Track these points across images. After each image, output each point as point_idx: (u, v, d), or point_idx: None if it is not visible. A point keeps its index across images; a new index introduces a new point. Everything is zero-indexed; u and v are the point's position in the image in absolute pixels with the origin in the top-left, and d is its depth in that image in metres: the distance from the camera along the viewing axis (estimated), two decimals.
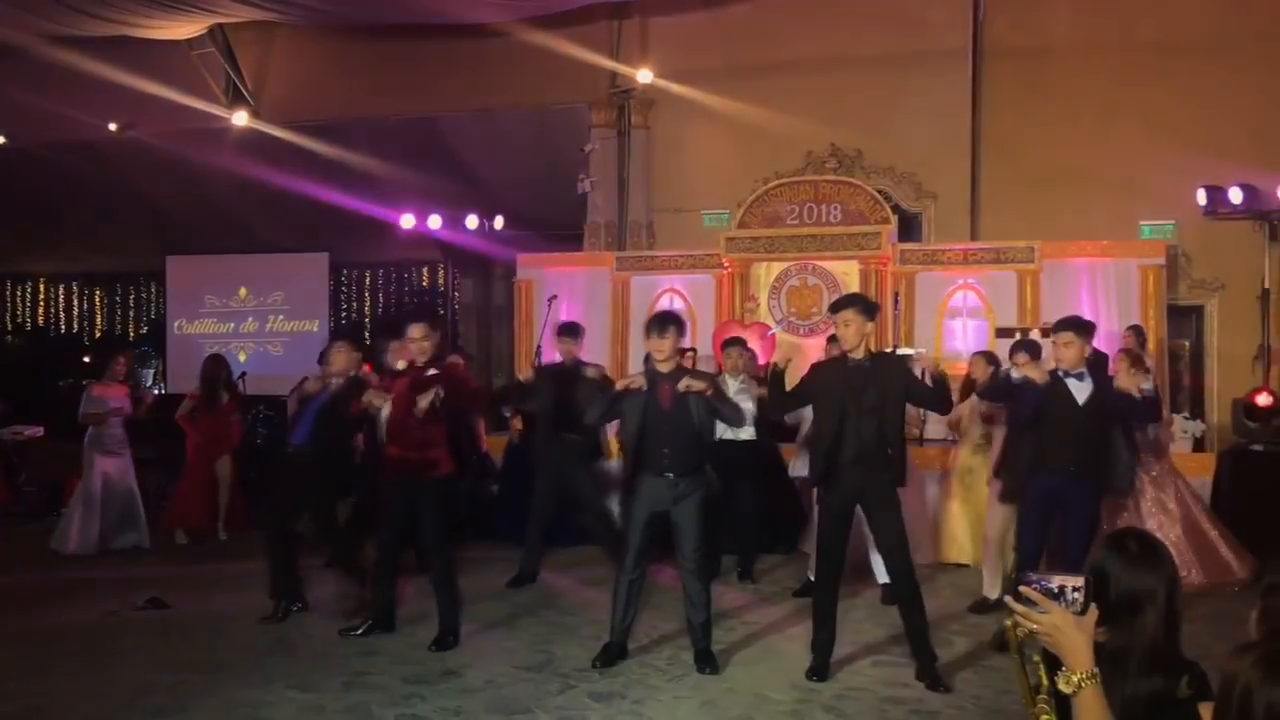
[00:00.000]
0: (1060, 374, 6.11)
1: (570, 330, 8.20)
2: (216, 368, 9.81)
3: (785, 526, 8.98)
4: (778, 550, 8.89)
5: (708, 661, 5.77)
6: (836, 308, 5.77)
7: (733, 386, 7.94)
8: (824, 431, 5.71)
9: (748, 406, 7.79)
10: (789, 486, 8.81)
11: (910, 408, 6.55)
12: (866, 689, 5.48)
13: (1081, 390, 6.10)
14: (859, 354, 5.66)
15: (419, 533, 6.47)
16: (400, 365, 6.42)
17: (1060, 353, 6.12)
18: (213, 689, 5.48)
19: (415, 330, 6.36)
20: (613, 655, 5.86)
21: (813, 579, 7.51)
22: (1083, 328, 6.33)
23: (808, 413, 7.56)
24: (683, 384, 5.69)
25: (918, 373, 5.75)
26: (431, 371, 6.31)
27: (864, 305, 5.76)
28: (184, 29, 13.99)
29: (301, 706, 5.23)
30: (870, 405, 5.57)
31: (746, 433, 7.80)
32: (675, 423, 5.75)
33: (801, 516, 8.64)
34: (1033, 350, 7.29)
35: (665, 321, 5.98)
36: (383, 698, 5.34)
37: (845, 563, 5.93)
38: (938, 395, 5.84)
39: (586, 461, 8.18)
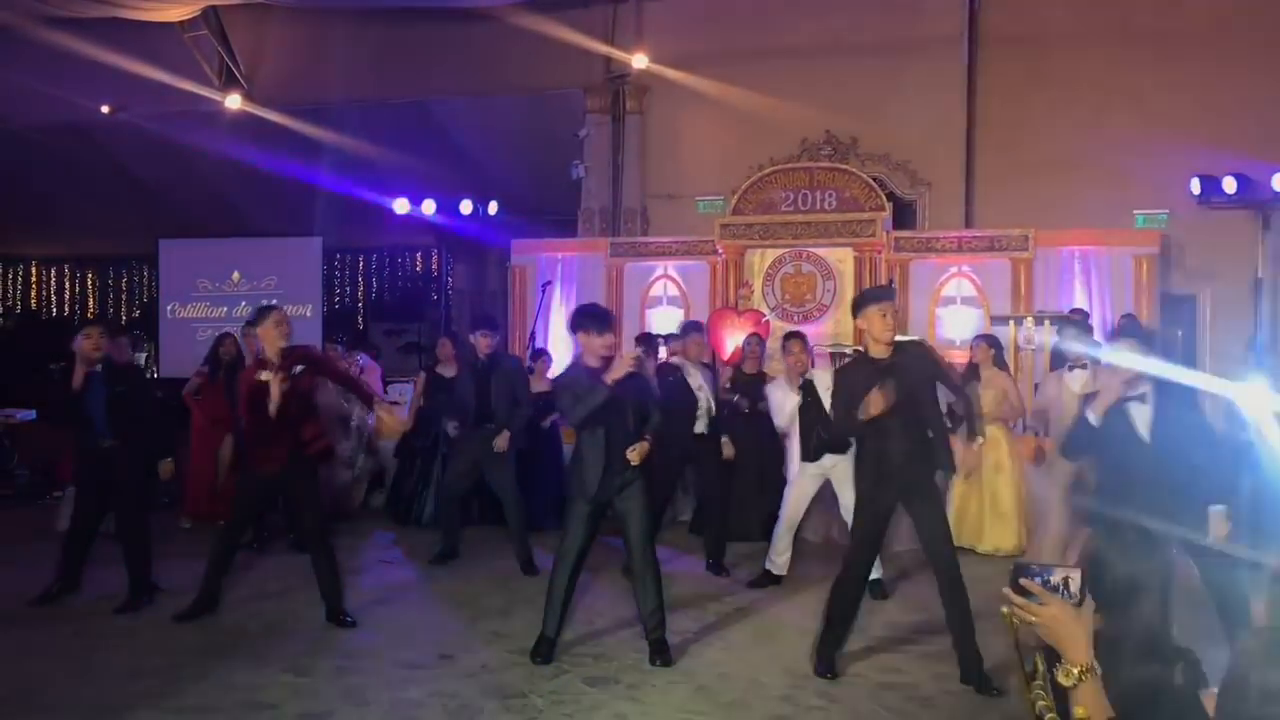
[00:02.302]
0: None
1: (487, 323, 8.28)
2: (226, 346, 9.63)
3: (756, 516, 8.83)
4: (753, 539, 8.71)
5: (660, 653, 5.65)
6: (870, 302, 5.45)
7: (697, 377, 7.82)
8: (869, 441, 5.46)
9: (701, 397, 7.74)
10: (757, 476, 8.65)
11: None
12: (861, 675, 5.49)
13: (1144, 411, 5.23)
14: (880, 350, 5.40)
15: (297, 518, 6.44)
16: (263, 377, 6.19)
17: None
18: (206, 672, 5.47)
19: (278, 314, 6.33)
20: (547, 650, 5.69)
21: (773, 572, 7.48)
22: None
23: (787, 407, 7.49)
24: (624, 364, 5.47)
25: None
26: (297, 368, 6.26)
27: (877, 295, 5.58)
28: (177, 11, 13.93)
29: (295, 690, 5.23)
30: (898, 402, 5.25)
31: (700, 425, 7.73)
32: (620, 410, 5.57)
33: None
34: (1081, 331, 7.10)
35: (609, 318, 5.77)
36: (377, 681, 5.35)
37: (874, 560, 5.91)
38: (958, 385, 5.68)
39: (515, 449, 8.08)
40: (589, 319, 5.69)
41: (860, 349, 9.14)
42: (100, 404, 6.62)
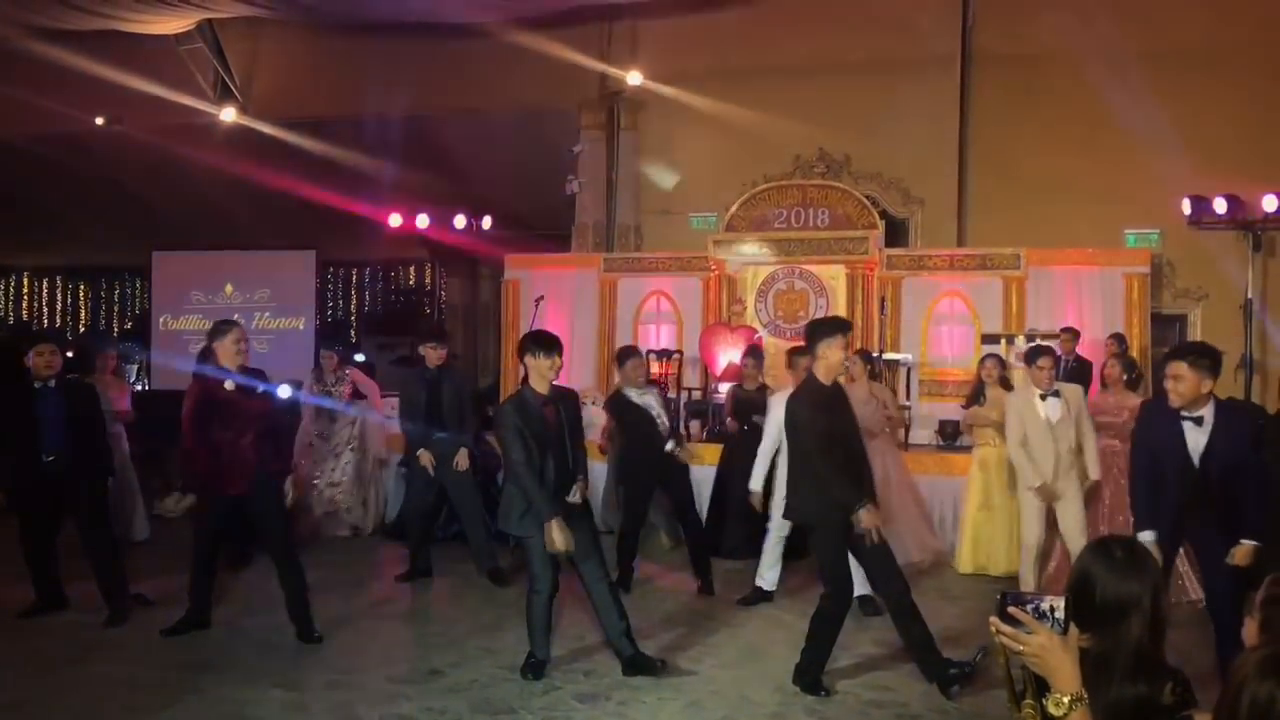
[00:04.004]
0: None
1: (436, 336, 8.41)
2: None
3: (746, 534, 8.74)
4: (746, 556, 8.47)
5: (646, 666, 5.69)
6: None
7: (634, 396, 7.72)
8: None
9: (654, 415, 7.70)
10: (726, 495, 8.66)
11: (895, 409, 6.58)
12: (849, 693, 5.50)
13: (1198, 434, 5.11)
14: (829, 379, 5.60)
15: (261, 537, 6.60)
16: (229, 386, 6.25)
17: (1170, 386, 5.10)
18: (196, 686, 5.46)
19: (238, 332, 6.38)
20: (538, 668, 5.72)
21: (764, 588, 7.47)
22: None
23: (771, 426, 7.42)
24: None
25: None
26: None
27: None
28: (172, 24, 13.95)
29: (285, 705, 5.23)
30: (843, 432, 5.56)
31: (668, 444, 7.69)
32: (561, 442, 5.69)
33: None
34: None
35: (557, 343, 5.81)
36: (367, 697, 5.34)
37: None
38: None
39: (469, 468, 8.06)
40: (536, 344, 5.76)
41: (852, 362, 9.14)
42: (58, 418, 6.67)
